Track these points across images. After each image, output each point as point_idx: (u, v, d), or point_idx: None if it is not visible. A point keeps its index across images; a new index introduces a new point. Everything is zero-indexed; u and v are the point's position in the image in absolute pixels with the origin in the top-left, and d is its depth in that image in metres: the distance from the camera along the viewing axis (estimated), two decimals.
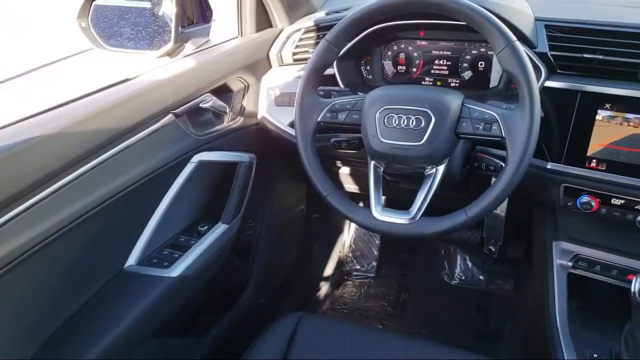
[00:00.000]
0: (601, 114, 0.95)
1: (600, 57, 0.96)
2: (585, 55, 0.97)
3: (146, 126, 1.01)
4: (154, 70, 1.09)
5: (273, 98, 1.28)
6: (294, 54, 1.28)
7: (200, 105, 1.16)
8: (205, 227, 1.25)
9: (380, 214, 0.93)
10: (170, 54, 1.16)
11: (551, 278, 1.14)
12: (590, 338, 1.10)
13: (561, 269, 1.14)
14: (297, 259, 1.86)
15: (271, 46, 1.32)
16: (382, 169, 0.99)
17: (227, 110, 1.25)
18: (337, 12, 1.30)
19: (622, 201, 0.98)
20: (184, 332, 1.31)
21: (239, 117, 1.29)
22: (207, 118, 1.23)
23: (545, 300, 1.14)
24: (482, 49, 1.13)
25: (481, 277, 1.95)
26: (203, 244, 1.20)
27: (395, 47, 1.22)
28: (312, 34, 1.25)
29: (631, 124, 0.93)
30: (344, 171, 1.47)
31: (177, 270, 1.11)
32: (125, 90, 0.99)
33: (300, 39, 1.27)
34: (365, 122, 0.93)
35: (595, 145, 0.97)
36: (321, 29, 1.24)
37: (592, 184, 0.99)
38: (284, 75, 1.28)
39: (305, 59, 1.25)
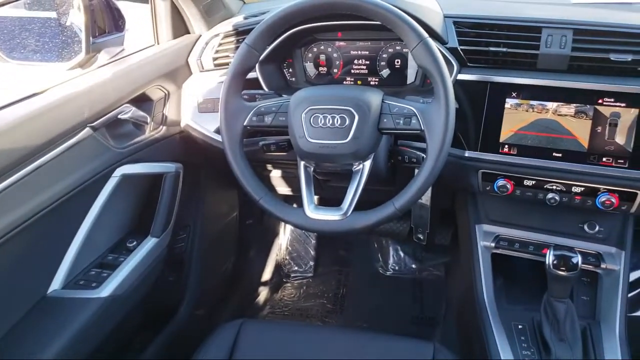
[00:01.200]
0: (509, 102, 1.03)
1: (504, 49, 1.03)
2: (491, 49, 1.04)
3: (61, 142, 0.96)
4: (66, 82, 1.03)
5: (196, 105, 1.26)
6: (215, 59, 1.26)
7: (119, 116, 1.11)
8: (134, 243, 1.21)
9: (313, 213, 0.94)
10: (83, 65, 1.10)
11: (477, 259, 1.21)
12: (514, 311, 1.18)
13: (485, 249, 1.22)
14: (233, 267, 1.83)
15: (190, 52, 1.29)
16: (312, 168, 1.00)
17: (148, 120, 1.21)
18: (255, 16, 1.30)
19: (533, 182, 1.06)
20: (121, 353, 1.25)
21: (161, 127, 1.25)
22: (127, 129, 1.18)
23: (473, 280, 1.21)
24: (397, 47, 1.18)
25: (414, 266, 2.03)
26: (133, 260, 1.16)
27: (315, 49, 1.24)
28: (232, 39, 1.24)
29: (535, 110, 1.01)
30: (275, 174, 1.47)
31: (106, 290, 1.06)
32: (35, 105, 0.93)
33: (220, 44, 1.26)
34: (292, 123, 0.94)
35: (506, 132, 1.04)
36: (240, 33, 1.23)
37: (506, 168, 1.07)
38: (206, 81, 1.26)
39: (227, 64, 1.24)
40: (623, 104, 0.96)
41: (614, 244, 1.14)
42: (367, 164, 0.95)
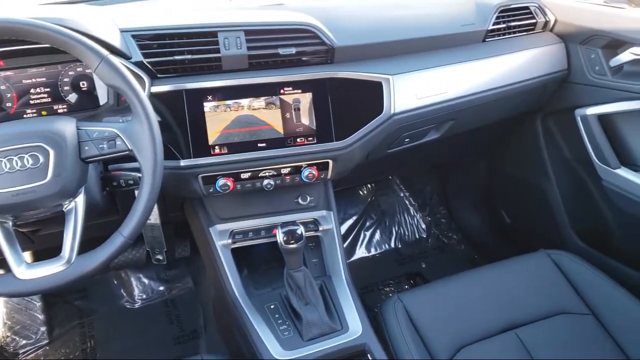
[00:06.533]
0: (207, 106, 1.08)
1: (189, 56, 1.07)
2: (177, 57, 1.07)
3: None
4: None
5: None
6: None
7: None
8: None
9: (27, 273, 0.80)
10: None
11: (218, 259, 1.25)
12: (264, 294, 1.27)
13: (224, 248, 1.26)
14: None
15: None
16: (10, 223, 0.85)
17: None
18: None
19: (249, 174, 1.15)
20: None
21: None
22: None
23: (220, 280, 1.24)
24: (79, 69, 1.08)
25: (161, 288, 1.96)
26: None
27: None
28: None
29: (232, 108, 1.09)
30: None
31: None
32: None
33: None
34: None
35: (213, 134, 1.09)
36: None
37: (222, 167, 1.12)
38: None
39: None
40: (299, 90, 1.13)
41: (323, 208, 1.34)
42: (80, 199, 0.86)
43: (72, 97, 1.10)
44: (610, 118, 1.48)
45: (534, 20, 1.52)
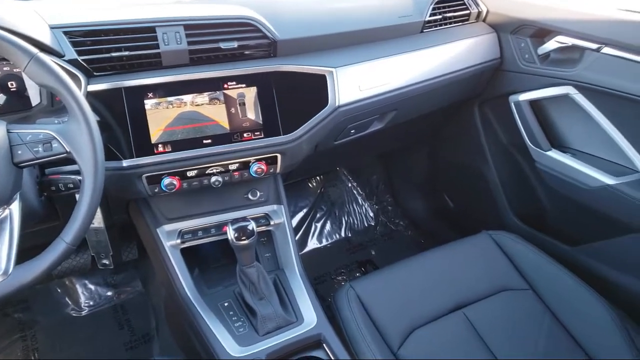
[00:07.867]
0: (148, 103, 1.05)
1: (127, 53, 1.03)
2: (114, 54, 1.02)
3: None
4: None
5: None
6: None
7: None
8: None
9: None
10: None
11: (167, 261, 1.22)
12: (216, 293, 1.26)
13: (172, 248, 1.23)
14: None
15: None
16: None
17: None
18: None
19: (195, 171, 1.13)
20: None
21: None
22: None
23: (171, 281, 1.22)
24: (5, 68, 1.02)
25: (109, 293, 1.90)
26: None
27: None
28: None
29: (174, 105, 1.07)
30: None
31: None
32: None
33: None
34: None
35: (155, 132, 1.06)
36: None
37: (167, 166, 1.09)
38: None
39: None
40: (244, 85, 1.12)
41: (274, 202, 1.34)
42: (15, 206, 0.82)
43: (1, 99, 1.04)
44: (540, 103, 1.57)
45: (467, 11, 1.58)
